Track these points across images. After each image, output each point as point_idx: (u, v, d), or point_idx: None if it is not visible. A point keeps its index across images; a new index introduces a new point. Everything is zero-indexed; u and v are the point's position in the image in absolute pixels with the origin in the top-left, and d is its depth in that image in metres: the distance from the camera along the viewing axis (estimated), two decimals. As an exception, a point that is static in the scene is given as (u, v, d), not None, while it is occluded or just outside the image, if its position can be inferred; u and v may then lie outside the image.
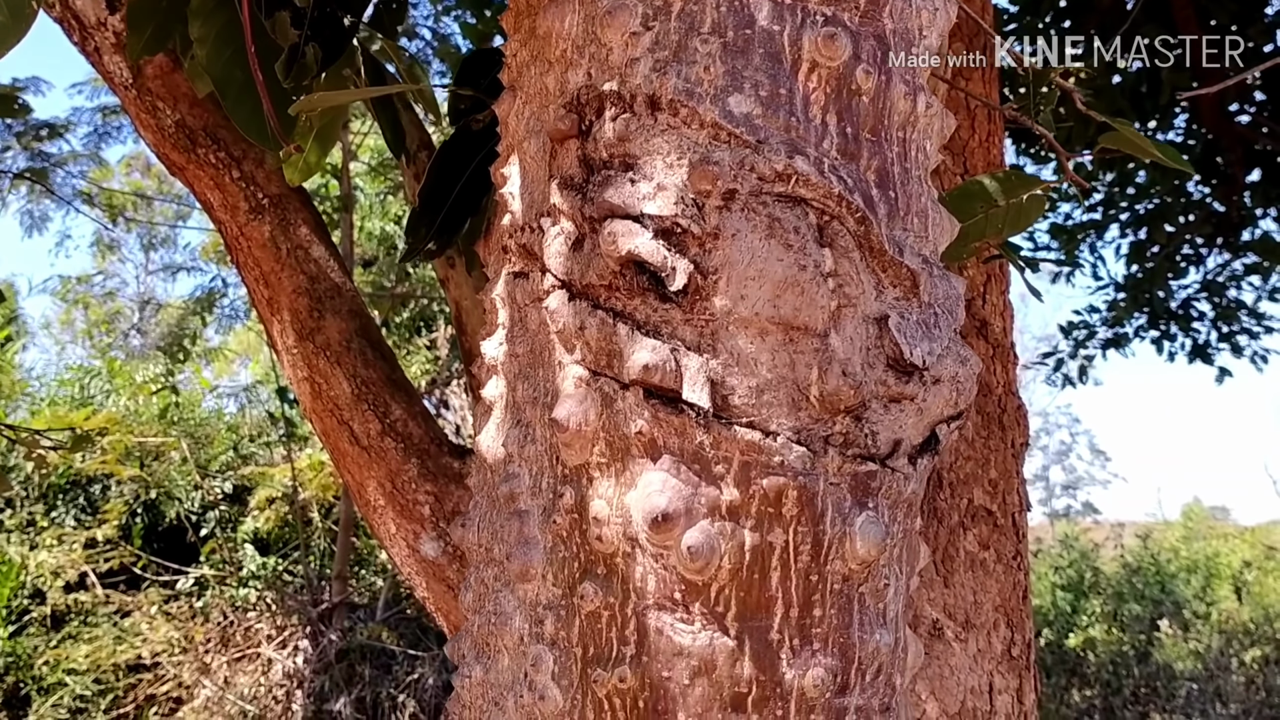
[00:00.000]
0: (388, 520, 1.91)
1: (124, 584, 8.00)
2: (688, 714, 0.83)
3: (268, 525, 8.39)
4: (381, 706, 7.33)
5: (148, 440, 8.14)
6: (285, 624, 7.66)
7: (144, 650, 7.51)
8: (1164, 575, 7.71)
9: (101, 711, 7.49)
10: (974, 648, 1.70)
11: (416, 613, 7.97)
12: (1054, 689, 6.85)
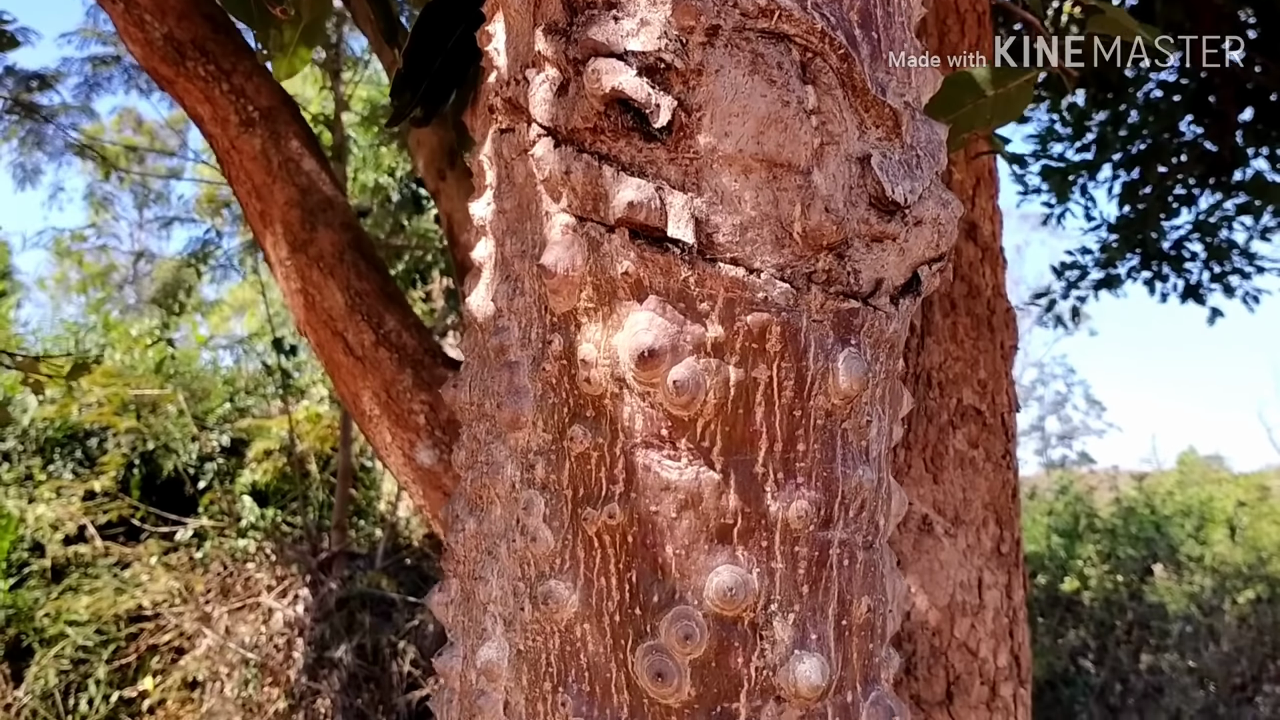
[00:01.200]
0: (383, 430, 1.93)
1: (123, 536, 8.05)
2: (675, 546, 0.85)
3: (266, 477, 8.43)
4: (382, 653, 7.39)
5: (144, 393, 8.15)
6: (285, 574, 7.71)
7: (144, 600, 7.56)
8: (1158, 518, 7.77)
9: (103, 662, 7.55)
10: (963, 543, 1.72)
11: (416, 561, 8.03)
12: (1048, 629, 6.91)
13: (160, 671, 7.59)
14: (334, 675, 7.32)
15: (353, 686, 7.35)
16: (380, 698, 7.40)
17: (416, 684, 7.36)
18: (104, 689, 7.44)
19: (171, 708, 7.60)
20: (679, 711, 0.87)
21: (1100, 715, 6.57)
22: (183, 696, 7.54)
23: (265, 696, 7.31)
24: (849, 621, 0.89)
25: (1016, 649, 1.78)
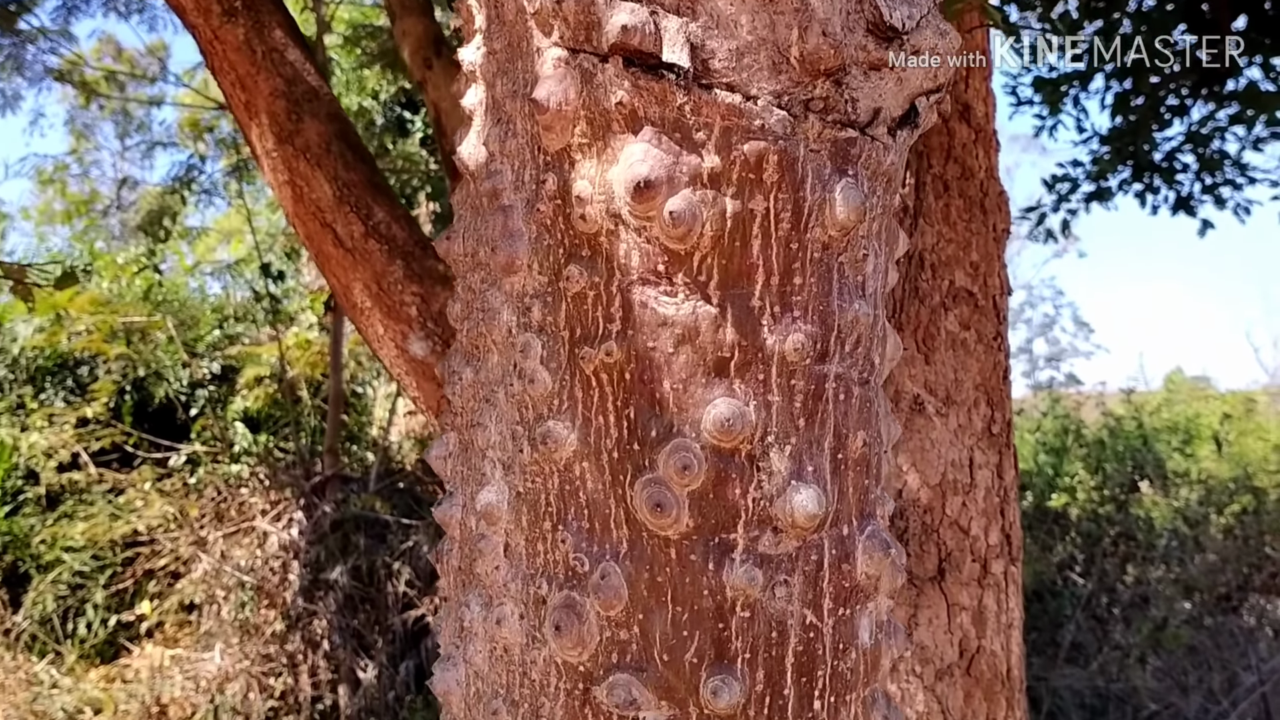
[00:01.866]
0: (375, 322, 1.92)
1: (116, 462, 8.06)
2: (672, 381, 0.86)
3: (257, 404, 8.43)
4: (377, 574, 7.45)
5: (133, 320, 8.12)
6: (279, 498, 7.75)
7: (140, 526, 7.60)
8: (1145, 433, 7.83)
9: (100, 587, 7.60)
10: (954, 423, 1.73)
11: (409, 484, 8.07)
12: (1036, 542, 7.00)
13: (157, 595, 7.66)
14: (330, 596, 7.39)
15: (348, 607, 7.42)
16: (376, 618, 7.48)
17: (412, 604, 7.44)
18: (101, 613, 7.51)
19: (169, 630, 7.68)
20: (677, 543, 0.87)
21: (1087, 625, 6.68)
22: (180, 619, 7.61)
23: (262, 618, 7.38)
24: (845, 455, 0.90)
25: (1007, 527, 1.80)
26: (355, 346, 8.94)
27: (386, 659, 7.29)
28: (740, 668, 0.88)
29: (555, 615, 0.90)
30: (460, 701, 1.02)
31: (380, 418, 8.74)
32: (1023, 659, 1.82)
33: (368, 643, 7.39)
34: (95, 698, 6.90)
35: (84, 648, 7.43)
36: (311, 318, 8.84)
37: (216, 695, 7.04)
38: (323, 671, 7.42)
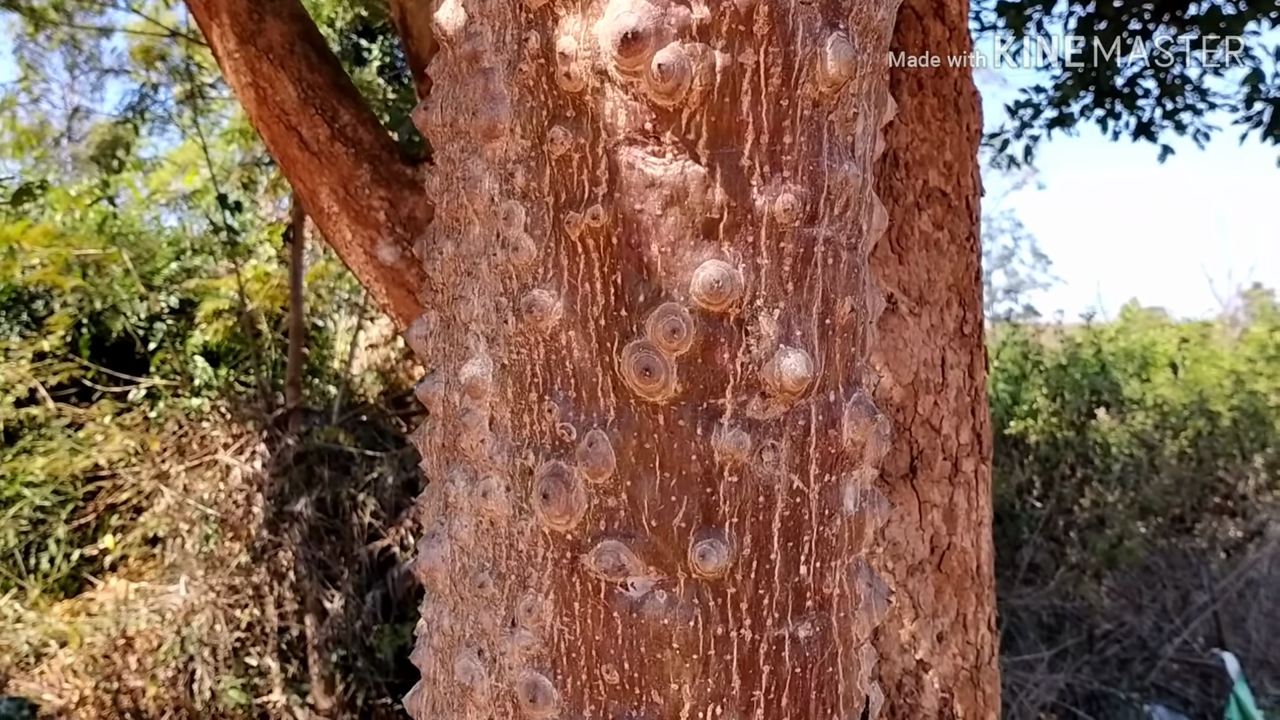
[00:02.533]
0: (342, 227, 1.89)
1: (75, 397, 7.97)
2: (660, 244, 0.85)
3: (216, 338, 8.34)
4: (342, 506, 7.45)
5: (87, 253, 7.98)
6: (241, 431, 7.70)
7: (100, 460, 7.53)
8: (1103, 359, 7.92)
9: (62, 521, 7.54)
10: (927, 323, 1.74)
11: (372, 417, 8.04)
12: (996, 466, 7.09)
13: (120, 529, 7.61)
14: (294, 528, 7.38)
15: (314, 539, 7.42)
16: (342, 549, 7.48)
17: (377, 535, 7.45)
18: (64, 548, 7.46)
19: (133, 564, 7.65)
20: (665, 409, 0.87)
21: (1045, 546, 6.80)
22: (144, 553, 7.58)
23: (227, 551, 7.36)
24: (832, 321, 0.90)
25: (978, 427, 1.82)
26: (315, 279, 8.85)
27: (353, 589, 7.31)
28: (728, 532, 0.88)
29: (543, 484, 0.90)
30: (446, 578, 1.02)
31: (342, 351, 8.67)
32: (992, 556, 1.85)
33: (334, 573, 7.41)
34: (60, 631, 6.88)
35: (47, 582, 7.39)
36: (270, 250, 8.72)
37: (183, 627, 7.04)
38: (289, 602, 7.44)
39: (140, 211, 9.48)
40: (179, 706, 7.01)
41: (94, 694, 6.74)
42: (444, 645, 1.03)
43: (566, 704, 0.92)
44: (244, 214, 8.55)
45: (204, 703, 7.03)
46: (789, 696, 0.92)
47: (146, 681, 6.92)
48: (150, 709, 6.89)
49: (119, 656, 6.98)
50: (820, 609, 0.93)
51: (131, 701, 6.87)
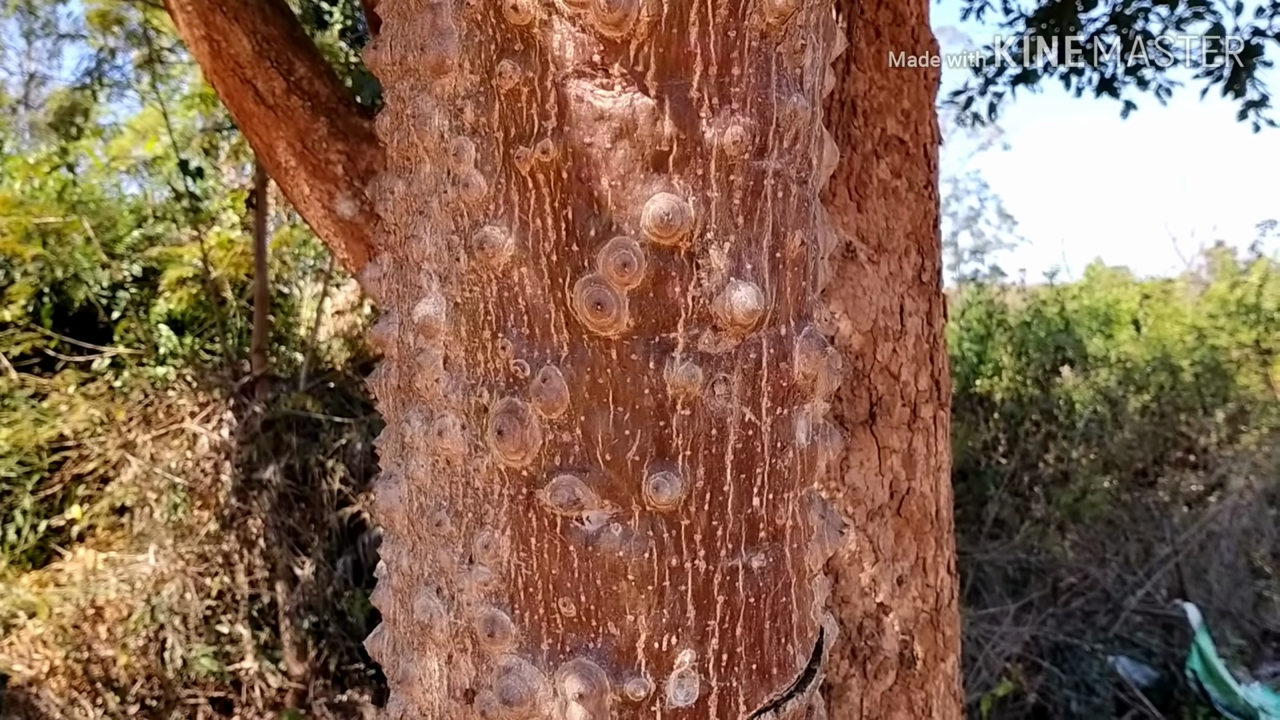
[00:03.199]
0: (300, 182, 1.88)
1: (38, 367, 7.89)
2: (610, 178, 0.85)
3: (181, 306, 8.26)
4: (311, 473, 7.43)
5: (48, 221, 7.87)
6: (207, 399, 7.65)
7: (65, 430, 7.47)
8: (1067, 316, 7.99)
9: (28, 492, 7.48)
10: (886, 270, 1.75)
11: (340, 383, 8.01)
12: (961, 423, 7.16)
13: (87, 499, 7.56)
14: (264, 496, 7.36)
15: (283, 506, 7.40)
16: (311, 516, 7.47)
17: (347, 501, 7.44)
18: (31, 519, 7.41)
19: (101, 534, 7.61)
20: (618, 344, 0.87)
21: (1010, 502, 6.88)
22: (112, 522, 7.54)
23: (195, 519, 7.33)
24: (783, 255, 0.90)
25: (936, 373, 1.83)
26: (280, 246, 8.78)
27: (323, 555, 7.31)
28: (681, 465, 0.89)
29: (497, 421, 0.90)
30: (403, 518, 1.02)
31: (308, 318, 8.62)
32: (951, 501, 1.87)
33: (304, 540, 7.40)
34: (29, 602, 6.85)
35: (14, 553, 7.34)
36: (234, 217, 8.64)
37: (153, 596, 7.02)
38: (259, 570, 7.42)
39: (101, 179, 9.36)
40: (151, 675, 7.00)
41: (64, 664, 6.72)
42: (403, 585, 1.04)
43: (525, 638, 0.93)
44: (206, 180, 8.46)
45: (176, 671, 7.02)
46: (743, 626, 0.94)
47: (117, 651, 6.90)
48: (122, 678, 6.88)
49: (89, 626, 6.96)
50: (773, 540, 0.94)
51: (103, 671, 6.85)
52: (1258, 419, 8.30)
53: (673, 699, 0.92)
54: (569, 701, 0.91)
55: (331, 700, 7.31)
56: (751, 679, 0.95)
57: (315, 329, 8.11)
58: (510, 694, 0.93)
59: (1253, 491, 7.77)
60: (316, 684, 7.34)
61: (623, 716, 0.92)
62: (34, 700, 6.48)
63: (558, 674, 0.92)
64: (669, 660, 0.92)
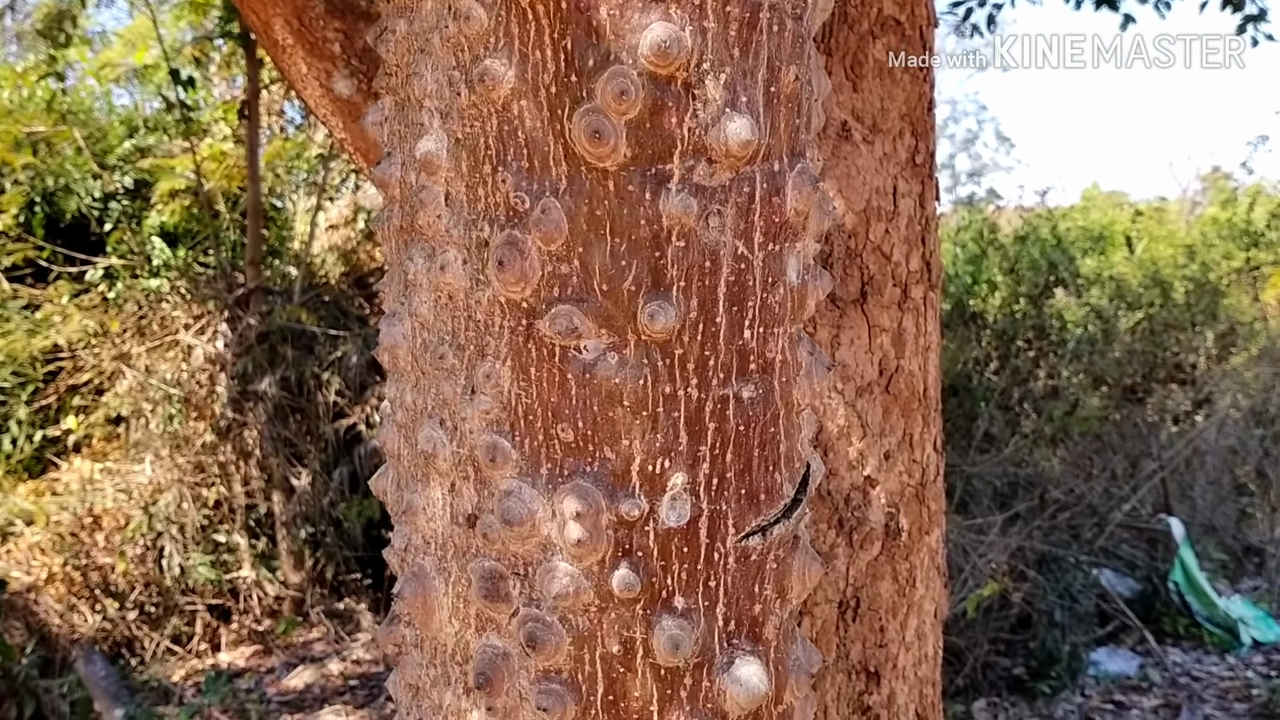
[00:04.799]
0: (297, 60, 1.88)
1: (30, 278, 7.88)
2: (609, 6, 0.86)
3: (174, 218, 8.24)
4: (306, 384, 7.47)
5: (38, 130, 7.81)
6: (201, 311, 7.67)
7: (59, 340, 7.48)
8: (1059, 235, 8.00)
9: (23, 403, 7.52)
10: (880, 151, 1.77)
11: (334, 297, 8.02)
12: (953, 340, 7.21)
13: (82, 410, 7.61)
14: (259, 407, 7.42)
15: (279, 418, 7.47)
16: (307, 427, 7.54)
17: (343, 413, 7.50)
18: (26, 429, 7.47)
19: (97, 445, 7.68)
20: (615, 175, 0.90)
21: (1000, 418, 6.96)
22: (107, 432, 7.60)
23: (191, 430, 7.40)
24: (777, 89, 0.93)
25: (928, 255, 1.86)
26: (272, 159, 8.73)
27: (319, 466, 7.38)
28: (675, 295, 0.92)
29: (498, 253, 0.93)
30: (407, 354, 1.06)
31: (301, 232, 8.60)
32: (939, 381, 1.91)
33: (300, 451, 7.47)
34: (26, 510, 6.93)
35: (10, 463, 7.41)
36: (226, 129, 8.58)
37: (150, 505, 7.09)
38: (256, 480, 7.51)
39: (90, 89, 9.27)
40: (149, 582, 7.10)
41: (63, 571, 6.81)
42: (407, 420, 1.08)
43: (524, 463, 0.97)
44: (197, 91, 8.38)
45: (174, 579, 7.13)
46: (733, 453, 0.97)
47: (115, 558, 7.00)
48: (120, 585, 6.98)
49: (86, 534, 7.05)
50: (763, 372, 0.98)
51: (101, 578, 6.96)
52: (1247, 340, 8.37)
53: (665, 519, 0.96)
54: (567, 521, 0.95)
55: (329, 608, 7.43)
56: (740, 503, 0.99)
57: (309, 242, 8.10)
58: (511, 515, 0.97)
59: (1239, 410, 7.87)
60: (314, 592, 7.46)
61: (618, 535, 0.96)
62: (33, 606, 6.59)
63: (556, 496, 0.96)
64: (662, 483, 0.96)
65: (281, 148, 8.83)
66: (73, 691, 5.60)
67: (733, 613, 1.02)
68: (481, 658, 1.03)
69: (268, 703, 6.20)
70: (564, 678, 1.01)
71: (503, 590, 1.01)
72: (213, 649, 7.05)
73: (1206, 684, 6.27)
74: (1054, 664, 6.02)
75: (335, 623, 7.26)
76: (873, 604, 1.80)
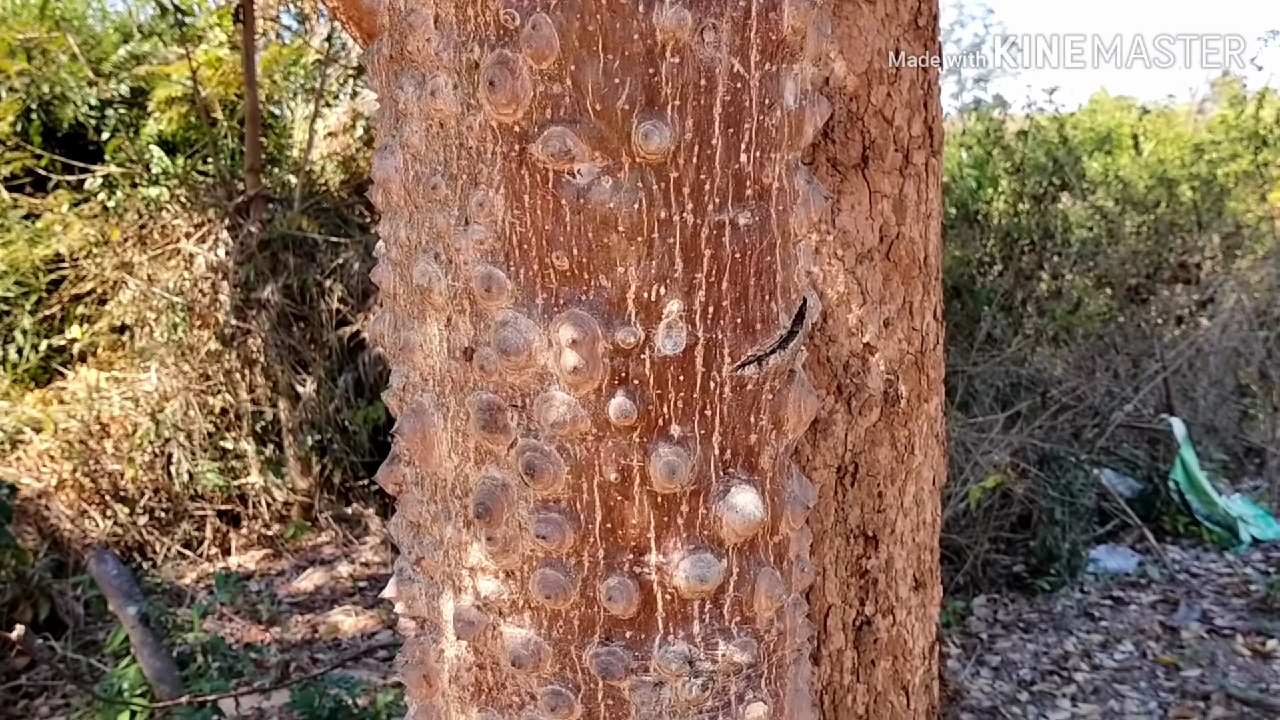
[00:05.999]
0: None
1: (30, 187, 7.84)
2: None
3: (171, 126, 8.16)
4: (309, 292, 7.47)
5: (30, 36, 7.71)
6: (202, 220, 7.64)
7: (61, 249, 7.47)
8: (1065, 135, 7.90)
9: (27, 313, 7.53)
10: (882, 12, 1.74)
11: (334, 205, 7.98)
12: (957, 243, 7.18)
13: (86, 319, 7.63)
14: (262, 315, 7.43)
15: (283, 325, 7.48)
16: (311, 335, 7.55)
17: (346, 320, 7.51)
18: (31, 338, 7.49)
19: (102, 354, 7.70)
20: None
21: (1003, 319, 6.95)
22: (112, 341, 7.62)
23: (196, 338, 7.41)
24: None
25: (930, 120, 1.84)
26: (269, 65, 8.62)
27: (324, 373, 7.40)
28: (670, 114, 0.91)
29: (488, 73, 0.92)
30: (399, 188, 1.05)
31: (300, 139, 8.52)
32: (940, 249, 1.90)
33: (305, 359, 7.49)
34: (34, 418, 6.97)
35: (16, 373, 7.44)
36: (221, 35, 8.46)
37: (157, 413, 7.14)
38: (261, 388, 7.54)
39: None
40: (158, 489, 7.18)
41: (73, 478, 6.88)
42: (401, 257, 1.07)
43: (520, 293, 0.97)
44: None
45: (183, 485, 7.20)
46: (729, 280, 0.97)
47: (124, 465, 7.06)
48: (130, 491, 7.05)
49: (95, 442, 7.10)
50: (759, 198, 0.97)
51: (111, 484, 7.03)
52: (1253, 241, 8.32)
53: (661, 347, 0.96)
54: (563, 349, 0.95)
55: (338, 513, 7.52)
56: (736, 332, 0.99)
57: (308, 150, 8.03)
58: (508, 345, 0.97)
59: (1243, 311, 7.85)
60: (322, 498, 7.54)
61: (614, 364, 0.96)
62: (44, 512, 6.66)
63: (552, 325, 0.96)
64: (658, 310, 0.96)
65: (278, 53, 8.71)
66: (86, 592, 5.69)
67: (728, 442, 1.02)
68: (481, 489, 1.04)
69: (278, 603, 6.31)
70: (562, 507, 1.01)
71: (501, 422, 1.01)
72: (223, 553, 7.15)
73: (1205, 580, 6.35)
74: (1054, 561, 6.09)
75: (344, 527, 7.35)
76: (871, 470, 1.81)
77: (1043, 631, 5.76)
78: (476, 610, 1.09)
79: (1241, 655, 5.40)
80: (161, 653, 4.36)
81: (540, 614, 1.06)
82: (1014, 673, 5.40)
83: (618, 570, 1.03)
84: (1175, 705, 4.99)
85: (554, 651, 1.06)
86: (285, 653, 5.69)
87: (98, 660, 5.31)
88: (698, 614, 1.05)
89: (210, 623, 5.73)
